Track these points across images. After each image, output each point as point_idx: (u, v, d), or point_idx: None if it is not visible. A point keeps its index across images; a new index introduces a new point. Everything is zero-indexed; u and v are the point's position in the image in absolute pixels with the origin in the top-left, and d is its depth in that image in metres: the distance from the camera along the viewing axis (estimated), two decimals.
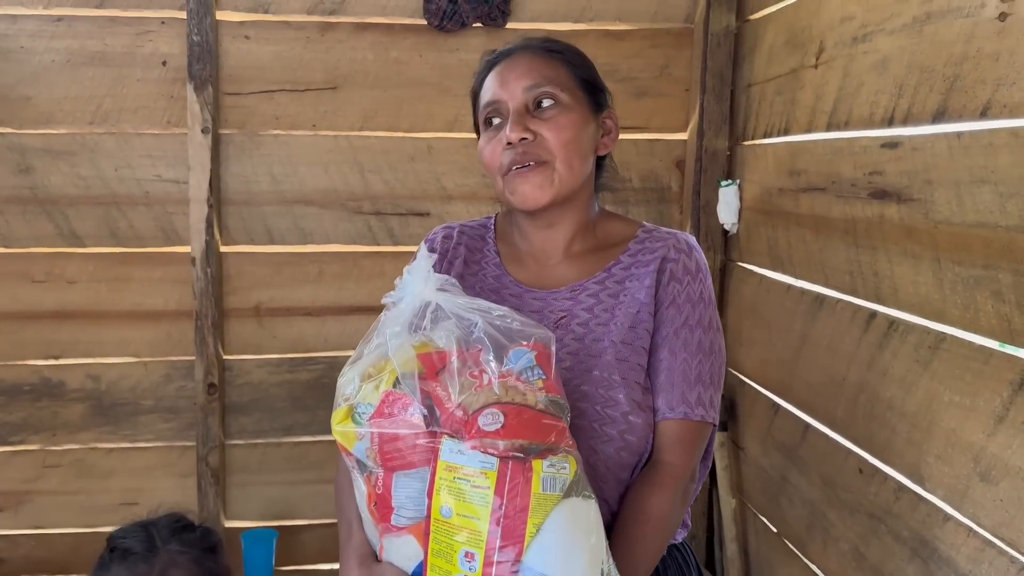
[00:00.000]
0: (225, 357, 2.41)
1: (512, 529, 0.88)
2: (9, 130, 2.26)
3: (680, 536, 1.24)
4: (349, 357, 2.59)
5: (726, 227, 2.39)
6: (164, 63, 2.29)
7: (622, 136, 1.36)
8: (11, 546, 2.40)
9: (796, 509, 2.03)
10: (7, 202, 2.28)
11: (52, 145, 2.28)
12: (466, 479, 0.89)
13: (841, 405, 1.81)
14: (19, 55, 2.24)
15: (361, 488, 1.01)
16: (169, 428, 2.42)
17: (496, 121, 1.20)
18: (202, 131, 2.28)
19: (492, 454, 0.89)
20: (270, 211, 2.38)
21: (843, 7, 1.79)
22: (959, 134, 1.42)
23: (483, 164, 1.24)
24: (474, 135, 2.35)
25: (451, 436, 0.92)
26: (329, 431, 2.62)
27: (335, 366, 2.46)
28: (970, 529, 1.41)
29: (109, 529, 2.39)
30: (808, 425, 1.98)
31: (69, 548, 2.43)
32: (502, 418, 0.90)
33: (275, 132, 2.36)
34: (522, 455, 0.90)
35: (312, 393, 2.46)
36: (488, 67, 1.25)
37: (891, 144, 1.61)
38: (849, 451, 1.79)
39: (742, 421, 2.37)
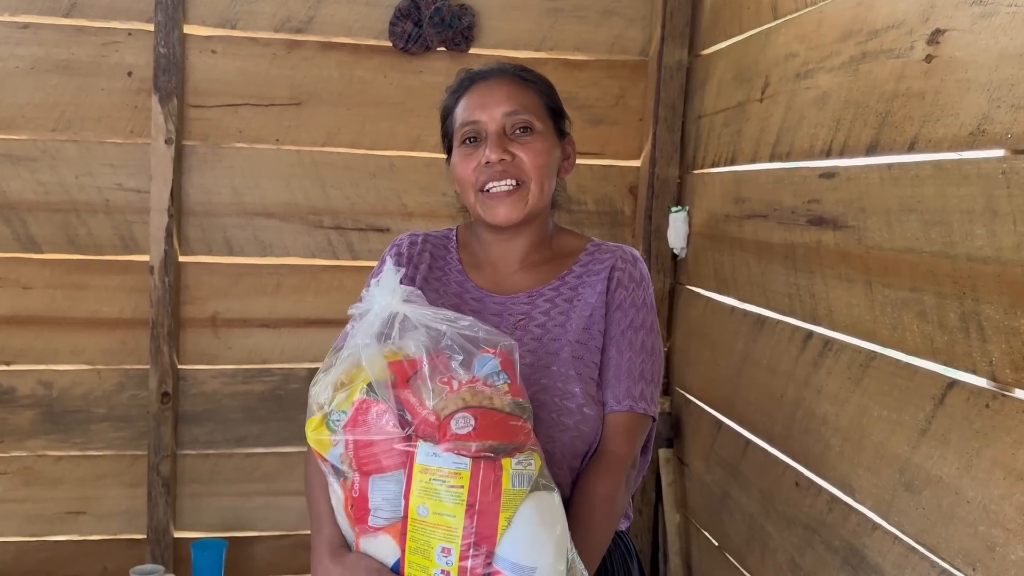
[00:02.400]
0: (180, 367, 2.42)
1: (485, 524, 0.94)
2: None
3: (624, 525, 1.32)
4: (304, 369, 2.62)
5: (675, 251, 2.49)
6: (130, 74, 2.32)
7: (579, 161, 1.46)
8: None
9: (736, 523, 2.11)
10: None
11: (12, 150, 2.29)
12: (441, 480, 0.95)
13: (779, 421, 1.90)
14: None
15: (337, 492, 1.06)
16: (120, 437, 2.41)
17: (474, 140, 1.28)
18: (165, 142, 2.31)
19: (464, 455, 0.96)
20: (230, 222, 2.41)
21: (787, 45, 1.91)
22: (889, 166, 1.53)
23: (456, 178, 1.31)
24: (434, 155, 2.46)
25: (425, 440, 0.97)
26: (282, 443, 2.64)
27: (290, 378, 2.49)
28: (896, 536, 1.50)
29: (55, 539, 2.40)
30: (749, 441, 2.06)
31: (12, 557, 2.40)
32: (473, 421, 0.97)
33: (238, 145, 2.39)
34: (492, 455, 0.97)
35: (266, 405, 2.48)
36: (464, 87, 1.32)
37: (828, 174, 1.72)
38: (787, 465, 1.88)
39: (687, 438, 2.45)
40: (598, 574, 1.20)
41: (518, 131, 1.27)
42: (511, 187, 1.25)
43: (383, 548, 1.00)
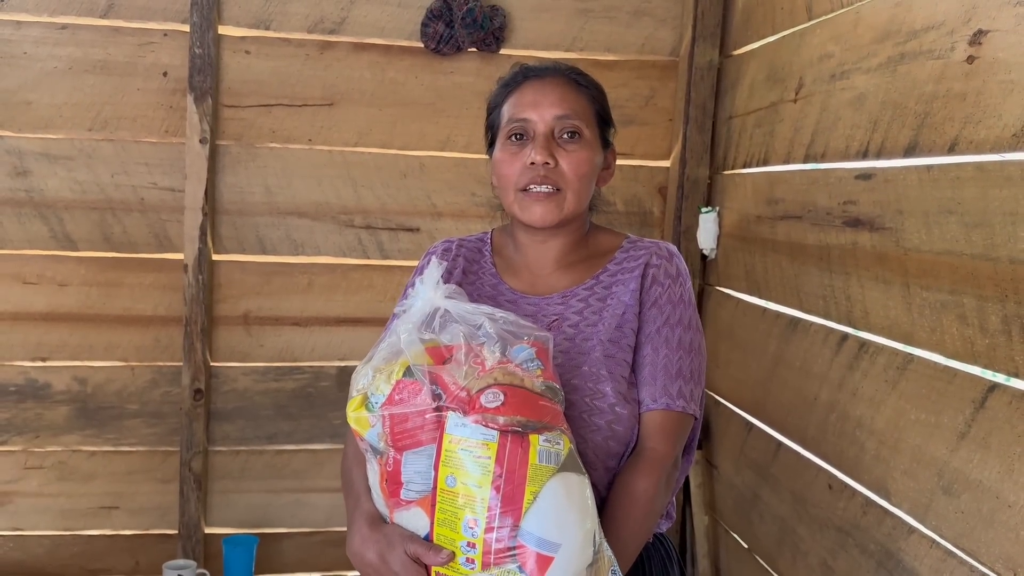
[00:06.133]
0: (212, 364, 2.45)
1: (511, 496, 0.96)
2: (8, 133, 2.30)
3: (664, 526, 1.31)
4: (335, 368, 2.64)
5: (705, 252, 2.48)
6: (165, 74, 2.34)
7: None
8: None
9: (767, 525, 2.10)
10: (2, 203, 2.31)
11: (50, 149, 2.32)
12: (469, 450, 0.97)
13: (812, 424, 1.89)
14: (22, 61, 2.28)
15: (374, 468, 1.08)
16: (153, 433, 2.44)
17: (521, 138, 1.27)
18: (200, 141, 2.33)
19: (493, 428, 0.98)
20: (263, 221, 2.43)
21: (822, 46, 1.90)
22: (928, 167, 1.52)
23: (497, 174, 1.31)
24: (464, 155, 2.47)
25: (455, 411, 0.99)
26: (312, 440, 2.67)
27: (320, 376, 2.51)
28: (933, 541, 1.49)
29: (88, 533, 2.43)
30: (780, 443, 2.06)
31: (46, 551, 2.43)
32: (502, 397, 0.99)
33: (271, 145, 2.42)
34: (520, 429, 0.98)
35: (296, 402, 2.50)
36: (517, 82, 1.31)
37: (865, 176, 1.71)
38: (819, 468, 1.87)
39: (716, 440, 2.44)
40: None
41: (565, 135, 1.26)
42: (550, 191, 1.25)
43: (415, 520, 1.02)
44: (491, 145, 1.36)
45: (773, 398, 2.09)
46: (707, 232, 2.44)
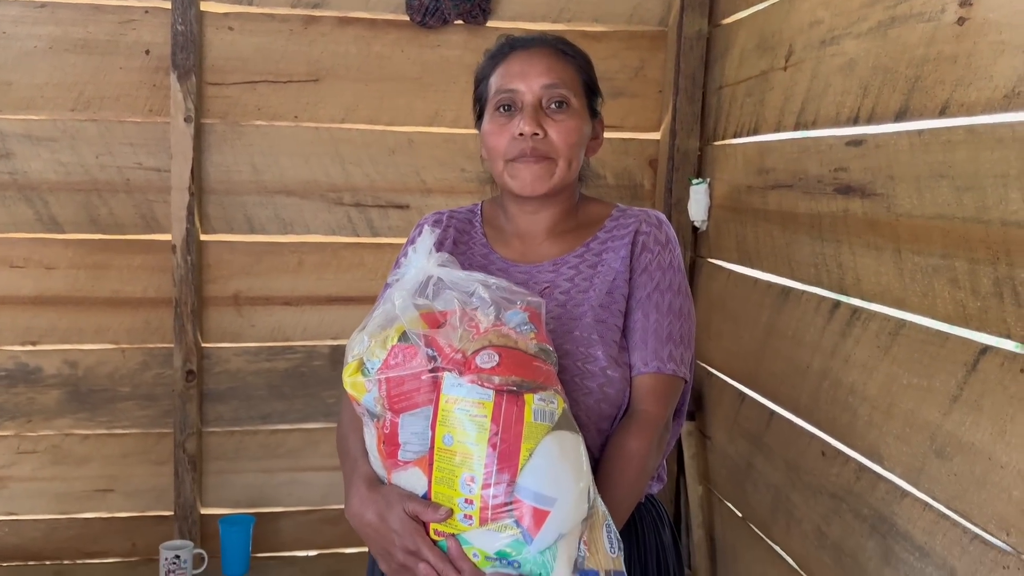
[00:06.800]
0: (203, 345, 2.44)
1: (507, 453, 0.97)
2: None
3: (655, 488, 1.33)
4: (327, 346, 2.63)
5: (696, 224, 2.48)
6: (147, 52, 2.31)
7: None
8: None
9: (761, 494, 2.12)
10: None
11: (33, 131, 2.29)
12: (465, 409, 0.98)
13: (805, 392, 1.90)
14: (1, 41, 2.24)
15: (371, 432, 1.09)
16: (146, 415, 2.43)
17: (508, 109, 1.27)
18: (184, 120, 2.31)
19: (488, 387, 0.99)
20: (251, 201, 2.41)
21: (812, 12, 1.89)
22: (919, 132, 1.51)
23: (486, 146, 1.30)
24: (453, 130, 2.45)
25: (451, 372, 1.00)
26: (306, 419, 2.67)
27: (313, 355, 2.50)
28: (926, 504, 1.50)
29: (84, 516, 2.43)
30: (773, 412, 2.06)
31: (42, 535, 2.43)
32: (497, 358, 1.00)
33: (257, 123, 2.39)
34: (515, 389, 1.00)
35: (290, 382, 2.49)
36: (503, 53, 1.31)
37: (856, 142, 1.70)
38: (812, 435, 1.88)
39: (709, 411, 2.45)
40: (628, 539, 1.21)
41: (553, 105, 1.26)
42: (539, 159, 1.25)
43: (413, 480, 1.03)
44: (479, 118, 1.36)
45: (766, 368, 2.10)
46: (698, 204, 2.44)
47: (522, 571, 0.98)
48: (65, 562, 2.43)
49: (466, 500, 0.97)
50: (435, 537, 1.01)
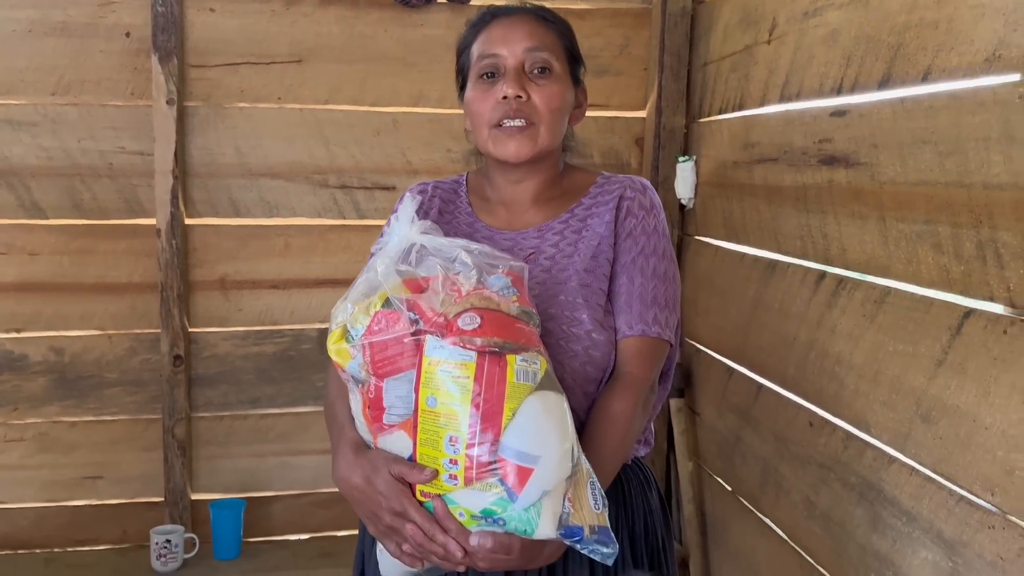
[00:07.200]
0: (191, 330, 2.43)
1: (491, 413, 0.97)
2: None
3: (642, 451, 1.34)
4: (315, 330, 2.62)
5: (683, 202, 2.48)
6: (127, 35, 2.29)
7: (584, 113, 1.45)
8: None
9: (749, 467, 2.13)
10: None
11: (13, 116, 2.27)
12: (448, 371, 0.99)
13: (792, 363, 1.91)
14: None
15: (357, 398, 1.09)
16: (134, 401, 2.42)
17: (491, 76, 1.27)
18: (167, 103, 2.29)
19: (470, 349, 0.99)
20: (235, 184, 2.40)
21: None
22: (902, 99, 1.51)
23: (470, 114, 1.30)
24: (437, 110, 2.44)
25: (433, 335, 1.01)
26: (295, 403, 2.66)
27: (301, 338, 2.49)
28: (912, 468, 1.51)
29: (73, 504, 2.41)
30: (761, 386, 2.07)
31: (31, 523, 2.42)
32: (479, 319, 1.00)
33: (240, 105, 2.37)
34: (497, 350, 1.00)
35: (278, 366, 2.49)
36: (485, 21, 1.32)
37: (839, 112, 1.71)
38: (800, 407, 1.89)
39: (698, 387, 2.46)
40: (615, 502, 1.22)
41: (536, 71, 1.26)
42: (523, 125, 1.25)
43: (398, 443, 1.04)
44: (463, 89, 1.35)
45: (753, 341, 2.11)
46: (685, 181, 2.44)
47: (507, 528, 0.99)
48: (55, 550, 2.42)
49: (451, 460, 0.98)
50: (421, 498, 1.02)
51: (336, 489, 1.14)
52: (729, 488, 2.27)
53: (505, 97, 1.24)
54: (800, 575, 1.89)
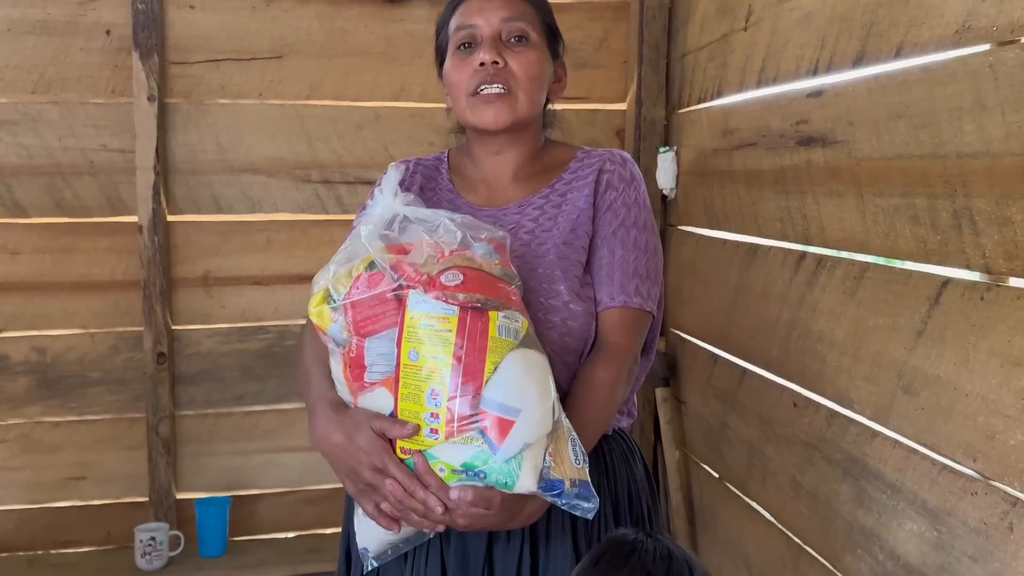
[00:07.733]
0: (174, 327, 2.41)
1: (472, 366, 0.98)
2: None
3: (624, 422, 1.34)
4: (299, 326, 2.60)
5: (665, 192, 2.49)
6: (108, 32, 2.29)
7: (565, 106, 1.48)
8: None
9: (736, 452, 2.13)
10: None
11: None
12: (430, 324, 0.99)
13: (775, 345, 1.92)
14: None
15: (338, 360, 1.09)
16: (117, 400, 2.40)
17: (469, 47, 1.28)
18: (148, 99, 2.29)
19: (453, 303, 1.00)
20: (217, 180, 2.40)
21: None
22: (876, 76, 1.53)
23: (449, 85, 1.31)
24: (419, 104, 2.45)
25: (416, 290, 1.01)
26: (280, 400, 2.63)
27: (285, 335, 2.48)
28: (896, 441, 1.52)
29: (57, 505, 2.39)
30: (745, 370, 2.08)
31: (14, 525, 2.39)
32: (461, 276, 1.01)
33: (221, 101, 2.37)
34: (479, 306, 1.01)
35: (262, 362, 2.47)
36: None
37: (815, 93, 1.73)
38: (784, 388, 1.90)
39: (683, 376, 2.47)
40: (598, 470, 1.22)
41: (513, 39, 1.28)
42: (501, 91, 1.25)
43: (379, 400, 1.03)
44: (442, 66, 1.36)
45: (736, 326, 2.12)
46: (666, 172, 2.45)
47: (488, 482, 0.99)
48: (39, 552, 2.40)
49: (432, 414, 0.98)
50: (402, 456, 1.02)
51: (322, 486, 1.14)
52: (716, 475, 2.27)
53: (482, 64, 1.24)
54: (788, 556, 1.89)
